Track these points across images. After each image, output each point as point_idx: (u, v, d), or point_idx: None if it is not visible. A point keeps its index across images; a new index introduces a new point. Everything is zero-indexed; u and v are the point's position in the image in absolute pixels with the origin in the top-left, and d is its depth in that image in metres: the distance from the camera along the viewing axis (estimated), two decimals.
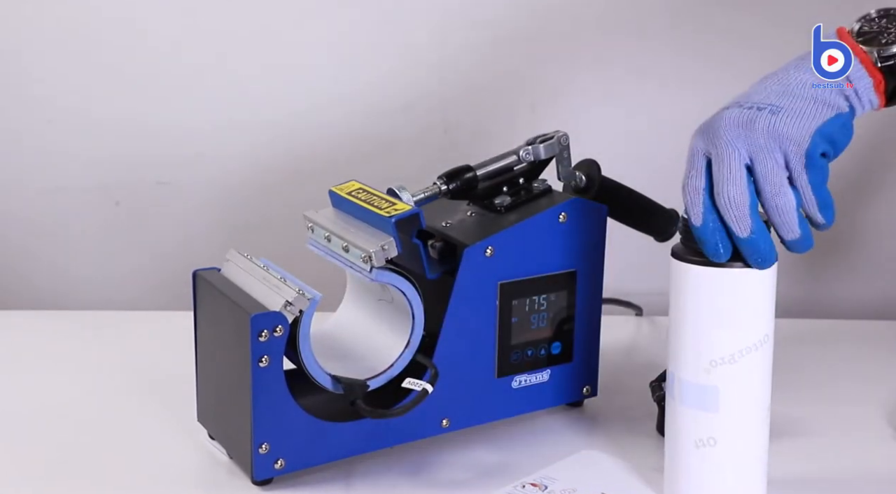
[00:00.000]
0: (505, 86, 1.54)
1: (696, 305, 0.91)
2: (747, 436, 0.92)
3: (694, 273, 0.90)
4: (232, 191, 1.56)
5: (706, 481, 0.93)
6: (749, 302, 0.90)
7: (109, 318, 1.42)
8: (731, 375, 0.91)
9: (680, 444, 0.94)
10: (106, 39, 1.51)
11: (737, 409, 0.91)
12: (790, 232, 0.90)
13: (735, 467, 0.93)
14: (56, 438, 1.08)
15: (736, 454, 0.92)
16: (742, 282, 0.90)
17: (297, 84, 1.54)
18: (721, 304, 0.90)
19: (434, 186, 1.05)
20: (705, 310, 0.91)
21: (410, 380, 0.98)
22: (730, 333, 0.90)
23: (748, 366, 0.91)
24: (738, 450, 0.92)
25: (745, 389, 0.91)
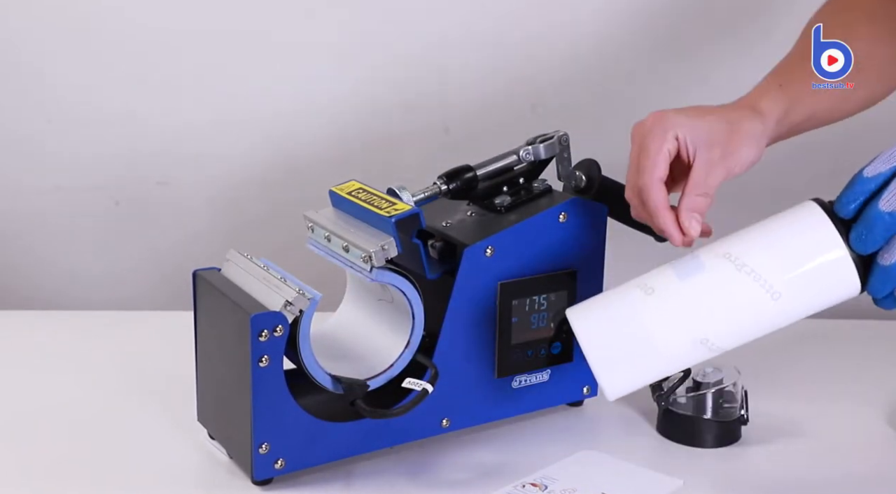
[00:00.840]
0: (505, 86, 1.54)
1: (783, 230, 0.88)
2: (677, 319, 0.89)
3: (819, 221, 0.86)
4: (232, 191, 1.56)
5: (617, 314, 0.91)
6: (812, 273, 0.87)
7: (109, 318, 1.41)
8: (722, 275, 0.88)
9: (632, 284, 0.92)
10: (106, 40, 1.51)
11: (697, 297, 0.89)
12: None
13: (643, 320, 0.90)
14: (56, 438, 1.07)
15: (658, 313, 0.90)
16: (834, 272, 0.87)
17: (298, 84, 1.54)
18: (795, 249, 0.87)
19: (434, 186, 1.05)
20: (786, 239, 0.87)
21: (410, 380, 0.98)
22: (769, 262, 0.87)
23: (738, 287, 0.88)
24: (662, 313, 0.90)
25: (718, 293, 0.89)
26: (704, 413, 1.07)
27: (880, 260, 0.85)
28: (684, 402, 1.07)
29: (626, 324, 0.90)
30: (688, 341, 0.90)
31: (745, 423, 1.07)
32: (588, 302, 0.94)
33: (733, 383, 1.07)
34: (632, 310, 0.90)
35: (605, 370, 0.91)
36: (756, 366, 1.18)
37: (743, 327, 0.91)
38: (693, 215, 0.94)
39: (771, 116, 0.99)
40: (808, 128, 1.05)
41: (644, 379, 0.93)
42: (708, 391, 1.06)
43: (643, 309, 0.89)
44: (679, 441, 1.07)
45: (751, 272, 0.87)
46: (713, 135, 0.96)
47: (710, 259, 0.89)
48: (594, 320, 0.92)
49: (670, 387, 1.07)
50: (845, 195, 0.86)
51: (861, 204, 0.86)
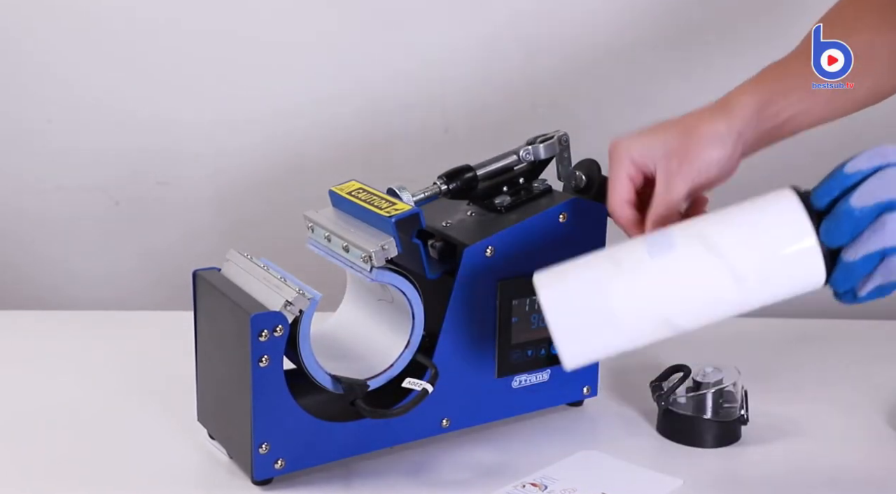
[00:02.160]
0: (505, 86, 1.54)
1: (755, 217, 0.88)
2: (643, 296, 0.89)
3: (793, 210, 0.86)
4: (232, 191, 1.56)
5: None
6: (780, 260, 0.87)
7: (109, 318, 1.41)
8: (691, 255, 0.87)
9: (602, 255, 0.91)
10: (106, 40, 1.51)
11: (668, 283, 0.88)
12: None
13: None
14: (56, 438, 1.07)
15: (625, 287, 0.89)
16: (801, 262, 0.86)
17: (298, 84, 1.54)
18: (767, 235, 0.87)
19: (434, 186, 1.05)
20: (759, 225, 0.87)
21: (410, 380, 0.98)
22: (739, 245, 0.87)
23: (706, 268, 0.87)
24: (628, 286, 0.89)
25: (686, 273, 0.88)
26: (704, 413, 1.07)
27: (844, 256, 0.85)
28: (684, 402, 1.07)
29: (592, 297, 0.89)
30: (651, 318, 0.89)
31: (745, 423, 1.07)
32: (556, 269, 0.93)
33: (733, 383, 1.07)
34: (599, 284, 0.89)
35: (567, 339, 0.90)
36: (756, 366, 1.18)
37: (706, 308, 0.90)
38: (656, 228, 0.96)
39: (740, 112, 0.98)
40: (805, 124, 1.03)
41: (604, 351, 0.92)
42: (708, 391, 1.06)
43: (610, 284, 0.89)
44: (679, 441, 1.07)
45: (720, 254, 0.87)
46: (669, 147, 0.97)
47: (683, 237, 0.89)
48: (560, 289, 0.91)
49: (670, 387, 1.07)
50: (822, 187, 0.86)
51: (836, 197, 0.86)
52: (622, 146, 0.99)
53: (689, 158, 0.96)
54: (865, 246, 0.84)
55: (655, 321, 0.89)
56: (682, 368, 1.09)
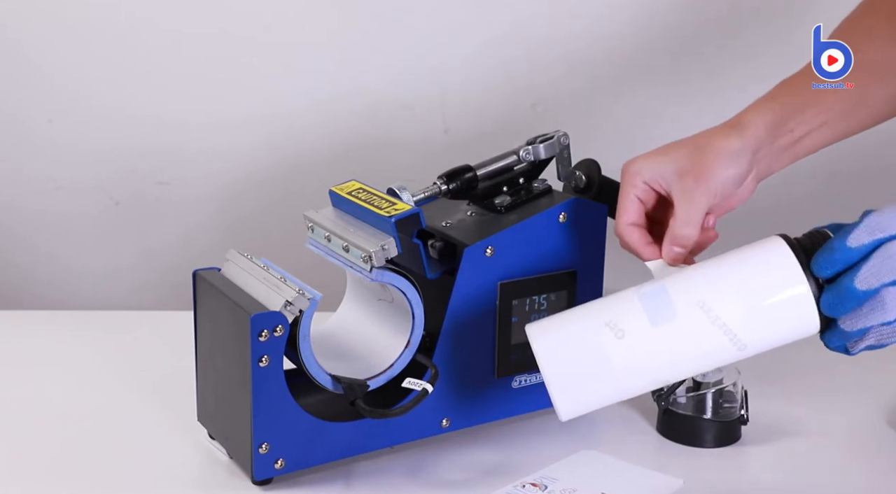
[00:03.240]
0: (505, 86, 1.54)
1: (746, 269, 0.88)
2: (645, 366, 0.89)
3: (796, 279, 0.86)
4: (232, 191, 1.57)
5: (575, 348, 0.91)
6: (782, 327, 0.88)
7: (109, 318, 1.41)
8: (694, 328, 0.88)
9: (599, 316, 0.90)
10: (106, 41, 1.51)
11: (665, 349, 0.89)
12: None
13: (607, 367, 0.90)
14: (56, 438, 1.08)
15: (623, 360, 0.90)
16: (801, 325, 0.88)
17: (298, 84, 1.55)
18: (771, 307, 0.87)
19: (434, 186, 1.05)
20: (761, 294, 0.87)
21: (410, 380, 0.98)
22: (743, 317, 0.87)
23: (709, 340, 0.88)
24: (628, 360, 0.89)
25: (689, 345, 0.89)
26: (704, 413, 1.07)
27: (842, 325, 0.87)
28: (684, 402, 1.07)
29: (593, 363, 0.89)
30: (650, 380, 0.91)
31: (745, 423, 1.07)
32: (551, 323, 0.93)
33: (733, 383, 1.07)
34: (601, 352, 0.89)
35: (563, 395, 0.91)
36: (756, 366, 1.17)
37: (703, 367, 0.92)
38: (673, 248, 0.95)
39: (754, 128, 0.96)
40: (823, 141, 1.01)
41: (598, 405, 0.93)
42: (708, 391, 1.06)
43: (612, 353, 0.89)
44: (679, 441, 1.07)
45: (723, 326, 0.88)
46: (681, 166, 0.96)
47: (684, 306, 0.88)
48: (559, 349, 0.91)
49: (670, 387, 1.07)
50: (825, 259, 0.86)
51: (839, 272, 0.86)
52: (633, 167, 0.98)
53: (704, 177, 0.95)
54: (864, 320, 0.85)
55: (653, 380, 0.91)
56: None
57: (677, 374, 0.92)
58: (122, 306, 1.57)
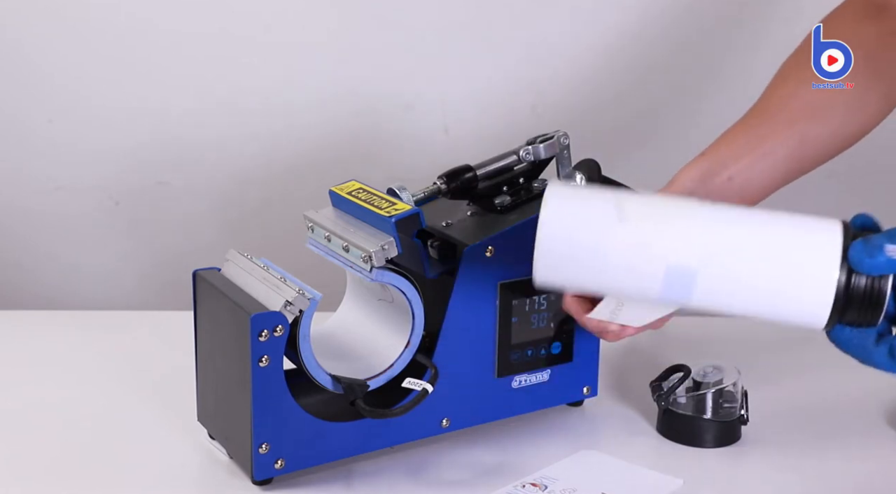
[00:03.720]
0: (505, 86, 1.54)
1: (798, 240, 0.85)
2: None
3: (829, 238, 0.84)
4: (232, 191, 1.57)
5: None
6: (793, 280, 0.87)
7: (109, 318, 1.41)
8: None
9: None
10: (106, 40, 1.51)
11: None
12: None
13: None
14: (56, 438, 1.07)
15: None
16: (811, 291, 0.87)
17: (298, 84, 1.55)
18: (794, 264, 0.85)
19: (434, 186, 1.05)
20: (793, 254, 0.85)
21: (410, 380, 0.98)
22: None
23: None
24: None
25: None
26: (704, 414, 1.07)
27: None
28: (684, 402, 1.07)
29: (592, 243, 0.87)
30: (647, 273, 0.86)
31: (745, 423, 1.07)
32: (571, 192, 0.90)
33: (733, 383, 1.07)
34: (600, 231, 0.87)
35: (546, 263, 0.89)
36: (756, 366, 1.18)
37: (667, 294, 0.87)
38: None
39: (680, 186, 1.00)
40: (772, 183, 1.03)
41: (573, 282, 0.91)
42: (708, 391, 1.06)
43: (613, 231, 0.86)
44: (679, 441, 1.07)
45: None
46: None
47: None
48: (566, 214, 0.88)
49: (670, 387, 1.07)
50: (872, 262, 0.85)
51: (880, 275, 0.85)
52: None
53: None
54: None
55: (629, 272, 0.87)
56: (682, 368, 1.09)
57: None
58: (122, 306, 1.57)
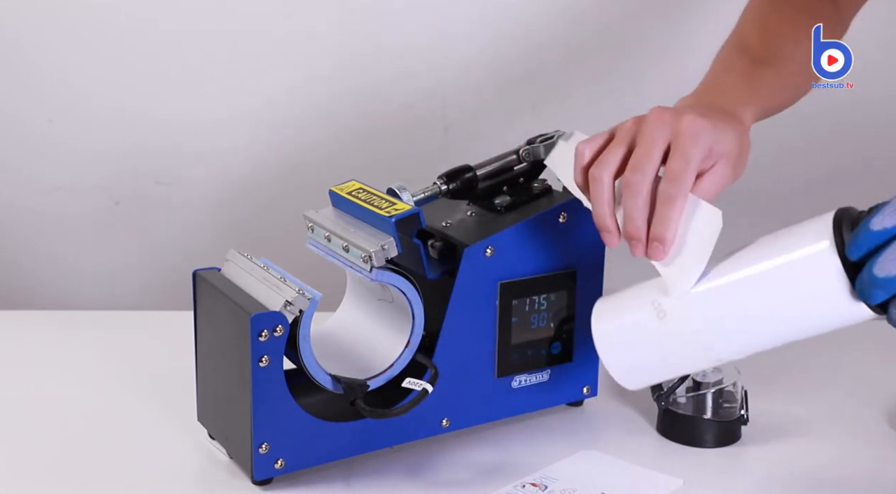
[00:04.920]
0: (505, 86, 1.54)
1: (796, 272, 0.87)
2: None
3: (832, 269, 0.84)
4: (232, 191, 1.57)
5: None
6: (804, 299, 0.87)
7: (109, 318, 1.41)
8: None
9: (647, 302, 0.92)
10: (106, 40, 1.51)
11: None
12: None
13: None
14: (56, 438, 1.07)
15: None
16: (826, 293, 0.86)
17: (298, 84, 1.55)
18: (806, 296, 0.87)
19: (434, 186, 1.05)
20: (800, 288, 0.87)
21: (410, 380, 0.98)
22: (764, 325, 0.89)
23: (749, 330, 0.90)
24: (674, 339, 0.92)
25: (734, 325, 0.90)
26: (704, 414, 1.07)
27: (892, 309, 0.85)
28: (684, 402, 1.07)
29: (645, 350, 0.94)
30: (694, 358, 0.94)
31: (745, 423, 1.07)
32: (611, 306, 0.96)
33: (733, 383, 1.07)
34: (649, 335, 0.92)
35: (620, 372, 0.95)
36: (756, 366, 1.17)
37: (752, 343, 0.92)
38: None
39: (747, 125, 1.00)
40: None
41: (656, 378, 0.98)
42: (708, 391, 1.06)
43: (660, 335, 0.91)
44: (679, 441, 1.07)
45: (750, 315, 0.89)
46: (731, 150, 0.94)
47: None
48: (610, 331, 0.95)
49: (670, 387, 1.07)
50: (852, 242, 0.84)
51: (868, 253, 0.83)
52: (706, 130, 0.91)
53: (739, 170, 0.95)
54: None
55: (696, 357, 0.94)
56: None
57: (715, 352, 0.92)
58: (122, 306, 1.57)
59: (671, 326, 0.90)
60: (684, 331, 0.90)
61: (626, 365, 0.94)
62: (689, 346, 0.91)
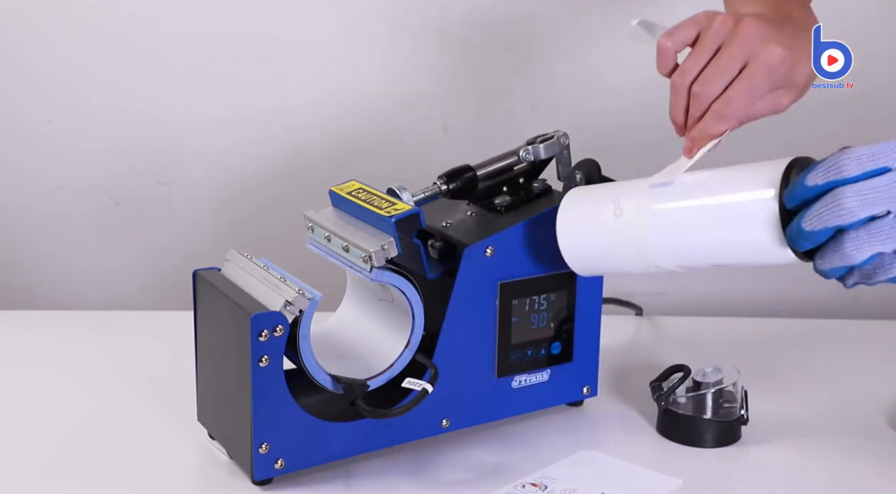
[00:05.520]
0: (505, 86, 1.54)
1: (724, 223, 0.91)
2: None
3: (769, 214, 0.87)
4: (232, 192, 1.57)
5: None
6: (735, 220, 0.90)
7: (109, 318, 1.41)
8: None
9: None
10: (106, 40, 1.51)
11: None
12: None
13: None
14: (56, 438, 1.07)
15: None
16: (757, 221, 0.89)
17: (298, 84, 1.54)
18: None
19: (434, 186, 1.05)
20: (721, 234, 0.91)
21: (410, 380, 0.98)
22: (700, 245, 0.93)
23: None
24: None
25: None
26: (704, 414, 1.07)
27: (818, 261, 0.87)
28: (684, 402, 1.07)
29: (596, 240, 0.99)
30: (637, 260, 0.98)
31: (745, 423, 1.07)
32: (580, 196, 1.01)
33: (733, 383, 1.07)
34: (603, 227, 0.98)
35: (573, 260, 1.01)
36: (756, 366, 1.18)
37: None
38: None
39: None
40: None
41: (602, 269, 1.03)
42: (708, 391, 1.06)
43: (612, 229, 0.97)
44: (679, 441, 1.07)
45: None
46: (799, 82, 0.97)
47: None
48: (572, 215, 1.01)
49: (670, 387, 1.07)
50: (787, 192, 0.86)
51: (800, 204, 0.86)
52: (787, 65, 0.95)
53: (797, 98, 0.97)
54: (829, 261, 0.85)
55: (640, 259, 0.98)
56: (682, 368, 1.09)
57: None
58: (122, 306, 1.57)
59: (623, 223, 0.96)
60: (634, 232, 0.95)
61: (577, 251, 1.00)
62: (633, 245, 0.96)
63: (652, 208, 0.95)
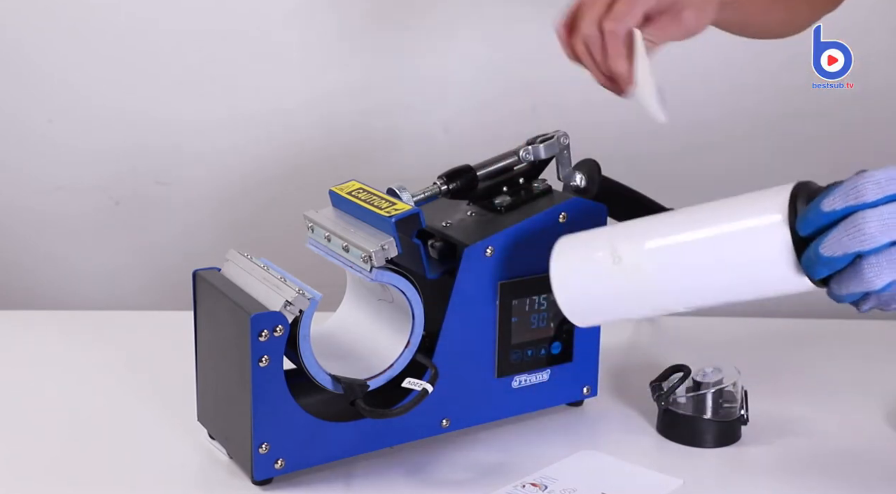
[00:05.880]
0: (505, 86, 1.54)
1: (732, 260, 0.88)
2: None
3: (781, 242, 0.85)
4: (232, 192, 1.57)
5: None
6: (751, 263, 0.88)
7: (109, 318, 1.41)
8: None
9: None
10: (106, 40, 1.51)
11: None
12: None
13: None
14: (56, 438, 1.07)
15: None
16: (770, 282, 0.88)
17: (298, 84, 1.55)
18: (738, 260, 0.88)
19: (434, 186, 1.05)
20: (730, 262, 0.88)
21: (410, 380, 0.98)
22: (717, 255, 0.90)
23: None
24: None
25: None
26: (704, 414, 1.07)
27: (833, 287, 0.85)
28: (684, 402, 1.07)
29: (596, 291, 0.96)
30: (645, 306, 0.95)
31: (745, 423, 1.07)
32: (571, 245, 0.98)
33: (733, 383, 1.07)
34: (602, 277, 0.95)
35: (571, 306, 0.98)
36: (756, 366, 1.18)
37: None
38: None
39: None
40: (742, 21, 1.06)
41: (603, 318, 1.01)
42: (708, 391, 1.06)
43: (612, 278, 0.94)
44: (679, 441, 1.07)
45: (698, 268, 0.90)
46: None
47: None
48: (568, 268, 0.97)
49: (670, 387, 1.07)
50: (801, 218, 0.85)
51: (816, 231, 0.84)
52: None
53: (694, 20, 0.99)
54: (847, 286, 0.84)
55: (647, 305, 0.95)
56: (682, 368, 1.09)
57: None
58: (122, 306, 1.57)
59: (624, 271, 0.93)
60: (635, 278, 0.92)
61: (577, 303, 0.97)
62: (637, 292, 0.93)
63: (651, 248, 0.92)
